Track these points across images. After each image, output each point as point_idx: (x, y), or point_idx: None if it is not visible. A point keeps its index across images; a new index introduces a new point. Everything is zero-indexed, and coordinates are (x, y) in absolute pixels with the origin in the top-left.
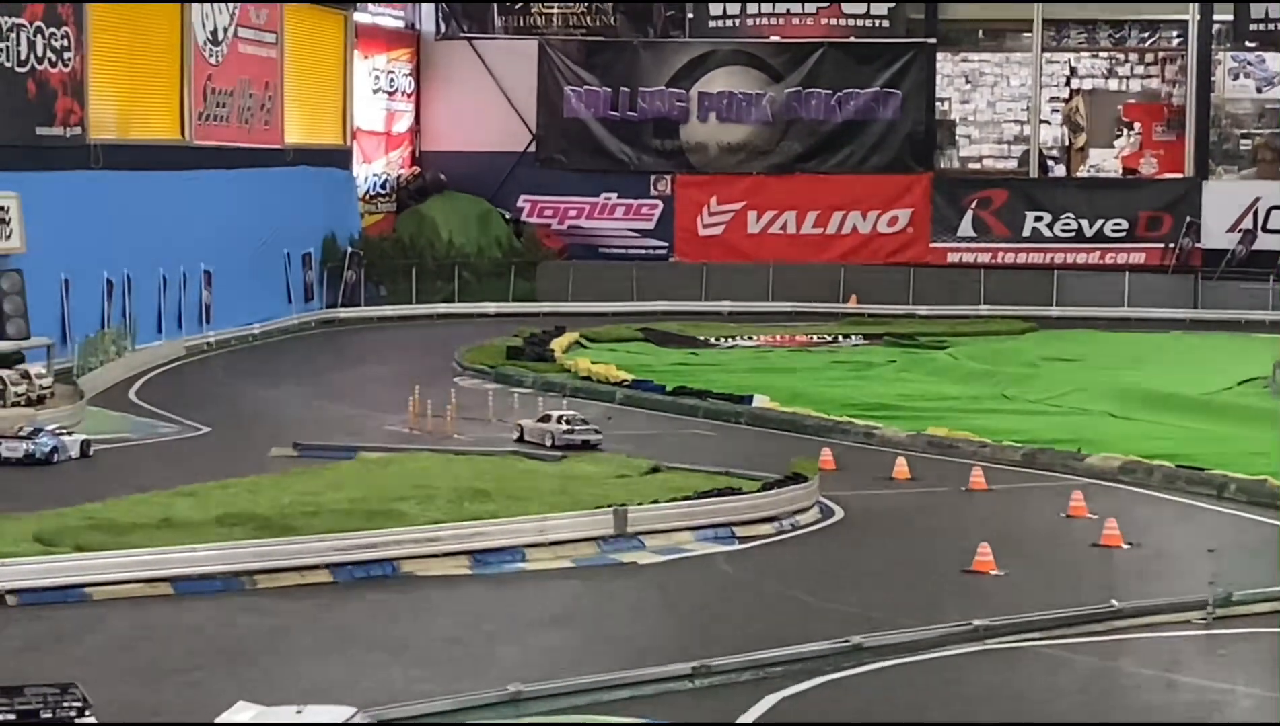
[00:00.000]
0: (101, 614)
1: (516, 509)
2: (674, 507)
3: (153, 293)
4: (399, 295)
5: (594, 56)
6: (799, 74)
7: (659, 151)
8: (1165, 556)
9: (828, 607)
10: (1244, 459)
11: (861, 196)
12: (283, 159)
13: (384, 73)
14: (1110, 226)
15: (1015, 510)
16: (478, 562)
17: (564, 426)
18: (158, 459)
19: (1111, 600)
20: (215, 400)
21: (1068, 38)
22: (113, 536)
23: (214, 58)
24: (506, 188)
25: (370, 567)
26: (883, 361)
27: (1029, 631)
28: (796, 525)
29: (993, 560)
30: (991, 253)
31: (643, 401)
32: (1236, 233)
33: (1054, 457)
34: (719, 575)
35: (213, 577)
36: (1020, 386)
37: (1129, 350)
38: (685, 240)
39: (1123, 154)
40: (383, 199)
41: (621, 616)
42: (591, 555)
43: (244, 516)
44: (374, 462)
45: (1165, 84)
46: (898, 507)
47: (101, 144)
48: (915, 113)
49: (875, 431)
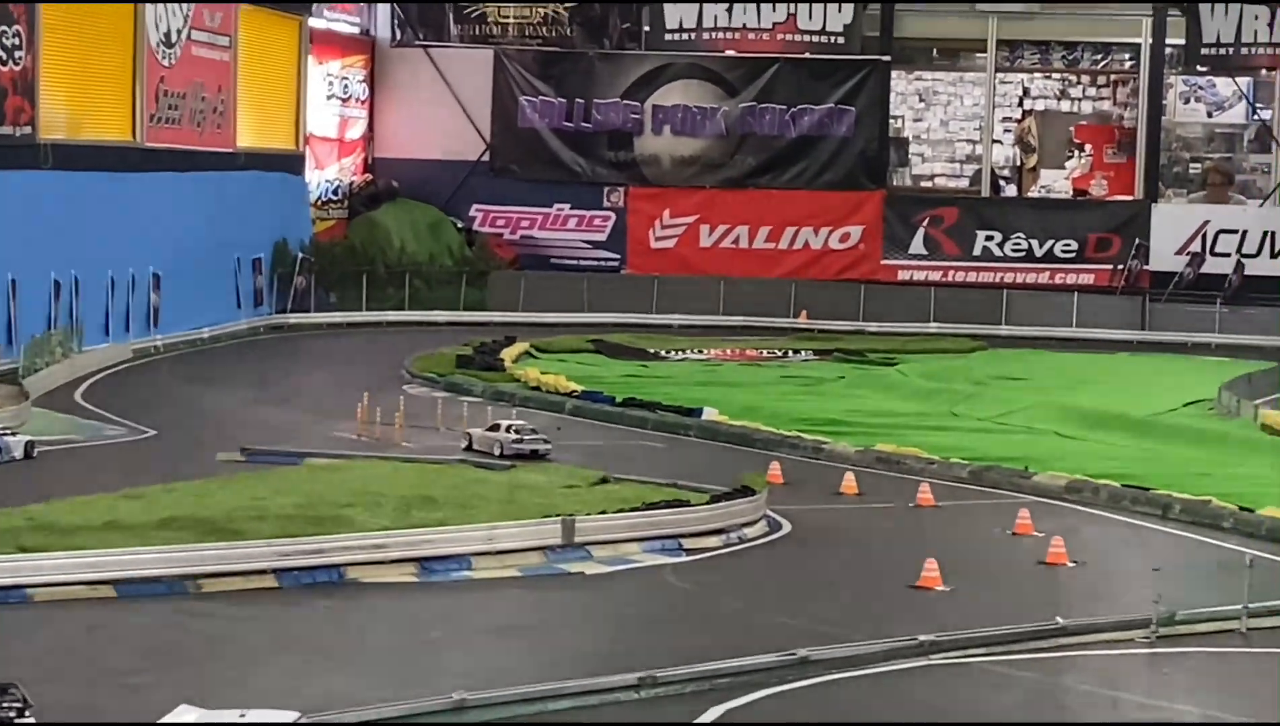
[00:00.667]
0: (44, 615)
1: (464, 517)
2: (622, 518)
3: (101, 295)
4: (349, 302)
5: (549, 67)
6: (754, 89)
7: (613, 163)
8: (1110, 575)
9: (774, 620)
10: (1189, 479)
11: (814, 212)
12: (234, 163)
13: (338, 78)
14: (1060, 247)
15: (962, 527)
16: (424, 570)
17: (513, 436)
18: (103, 461)
19: (1056, 617)
20: (162, 404)
21: (1021, 58)
22: (56, 538)
23: (167, 60)
24: (459, 196)
25: (316, 573)
26: (832, 377)
27: (974, 647)
28: (744, 538)
29: (939, 576)
30: (942, 271)
31: (592, 412)
32: (1185, 255)
33: (1001, 475)
34: (666, 586)
35: (157, 580)
36: (968, 404)
37: (1077, 370)
38: (637, 252)
39: (1073, 175)
40: (335, 205)
41: (568, 626)
42: (539, 565)
43: (189, 520)
44: (322, 469)
45: (1117, 106)
46: (845, 522)
47: (51, 144)
48: (869, 130)
49: (824, 446)
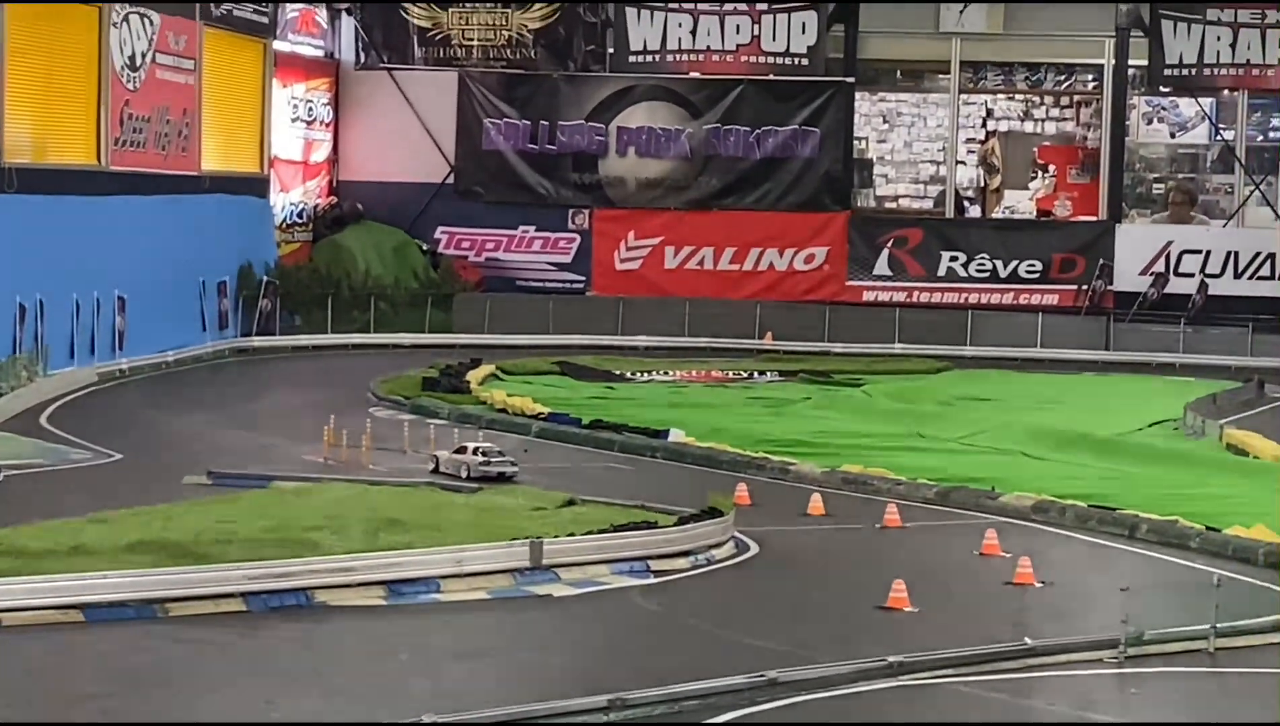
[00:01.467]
0: (11, 641)
1: (432, 540)
2: (589, 540)
3: (66, 318)
4: (314, 325)
5: (514, 89)
6: (718, 110)
7: (577, 185)
8: (1078, 595)
9: (743, 642)
10: (1155, 499)
11: (779, 233)
12: (199, 186)
13: (302, 101)
14: (1024, 267)
15: (929, 547)
16: (393, 593)
17: (480, 458)
18: (69, 485)
19: (1025, 638)
20: (128, 427)
21: (985, 79)
22: (23, 562)
23: (132, 83)
24: (424, 219)
25: (284, 597)
26: (798, 398)
27: (943, 668)
28: (712, 559)
29: (907, 597)
30: (907, 292)
31: (559, 434)
32: (1149, 276)
33: (967, 496)
34: (634, 608)
35: (125, 605)
36: (934, 425)
37: (1042, 390)
38: (602, 274)
39: (1037, 196)
40: (299, 228)
41: (537, 648)
42: (507, 587)
43: (157, 544)
44: (288, 492)
45: (1080, 127)
46: (812, 543)
47: (16, 167)
48: (833, 151)
49: (790, 467)
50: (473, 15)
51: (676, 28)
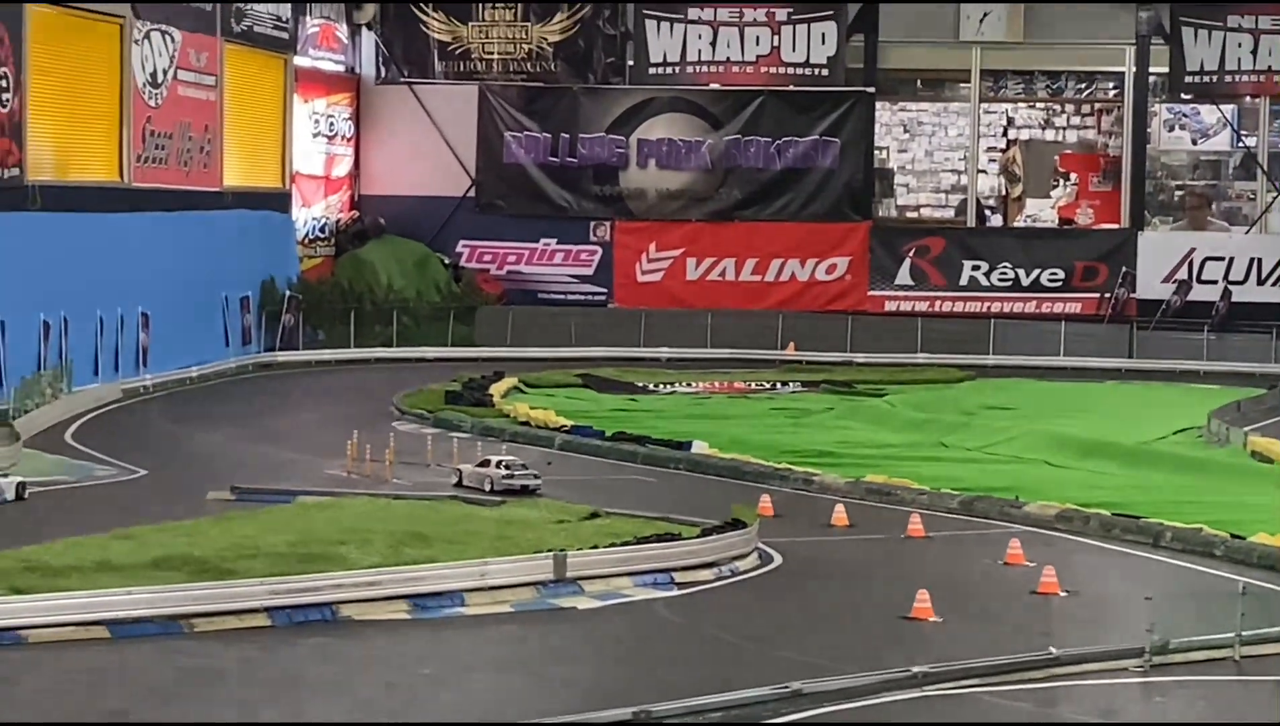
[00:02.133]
0: (37, 657)
1: (455, 553)
2: (613, 553)
3: (90, 335)
4: (337, 339)
5: (534, 102)
6: (738, 121)
7: (598, 197)
8: (1102, 604)
9: (767, 653)
10: (1179, 507)
11: (800, 244)
12: (221, 202)
13: (323, 116)
14: (1047, 276)
15: (953, 557)
16: (417, 607)
17: (503, 471)
18: (94, 502)
19: (1049, 647)
20: (152, 443)
21: (1005, 88)
22: (48, 579)
23: (153, 100)
24: (446, 232)
25: (309, 611)
26: (821, 408)
27: (968, 678)
28: (735, 571)
29: (931, 607)
30: (929, 301)
31: (582, 447)
32: (1172, 283)
33: (991, 505)
34: (658, 620)
35: (149, 621)
36: (958, 434)
37: (1065, 399)
38: (624, 286)
39: (1059, 204)
40: (321, 243)
41: (561, 661)
42: (531, 600)
43: (181, 559)
44: (312, 507)
45: (1101, 135)
46: (836, 554)
47: (39, 185)
48: (854, 161)
49: (814, 478)
50: (492, 29)
51: (696, 39)
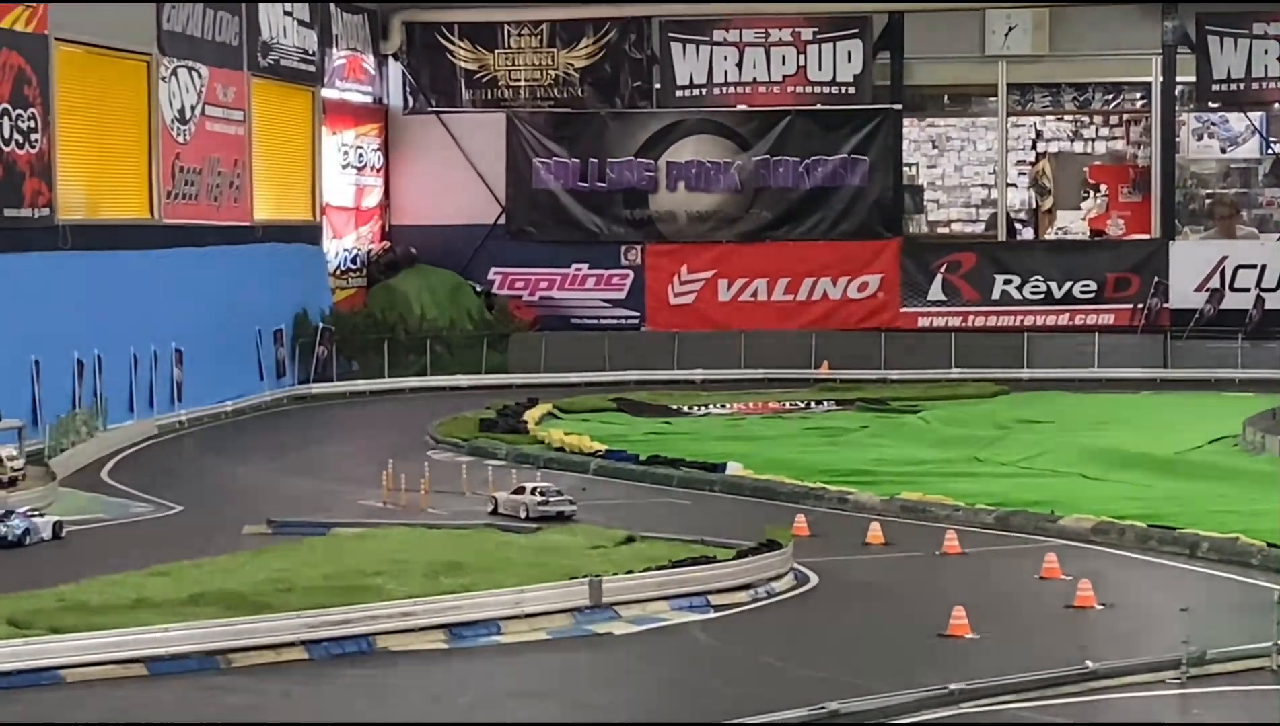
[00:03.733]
0: (76, 696)
1: (491, 581)
2: (649, 577)
3: (124, 372)
4: (371, 369)
5: (562, 128)
6: (766, 141)
7: (629, 221)
8: (1139, 617)
9: (803, 674)
10: (1215, 517)
11: (831, 262)
12: (252, 236)
13: (352, 148)
14: (1079, 288)
15: (989, 573)
16: (453, 636)
17: (538, 498)
18: (131, 539)
19: (1086, 661)
20: (188, 478)
21: (1032, 101)
22: (86, 617)
23: (182, 136)
24: (477, 260)
25: (345, 643)
26: (855, 427)
27: (1004, 694)
28: (771, 592)
29: (967, 623)
30: (961, 316)
31: (617, 471)
32: (1204, 292)
33: (1027, 520)
34: (694, 644)
35: (186, 657)
36: (992, 449)
37: (1100, 411)
38: (656, 309)
39: (1090, 216)
40: (353, 274)
41: (598, 687)
42: (567, 626)
43: (218, 595)
44: (348, 538)
45: (1130, 145)
46: (872, 573)
47: (70, 224)
48: (883, 178)
49: (849, 497)
50: (519, 56)
51: (722, 61)
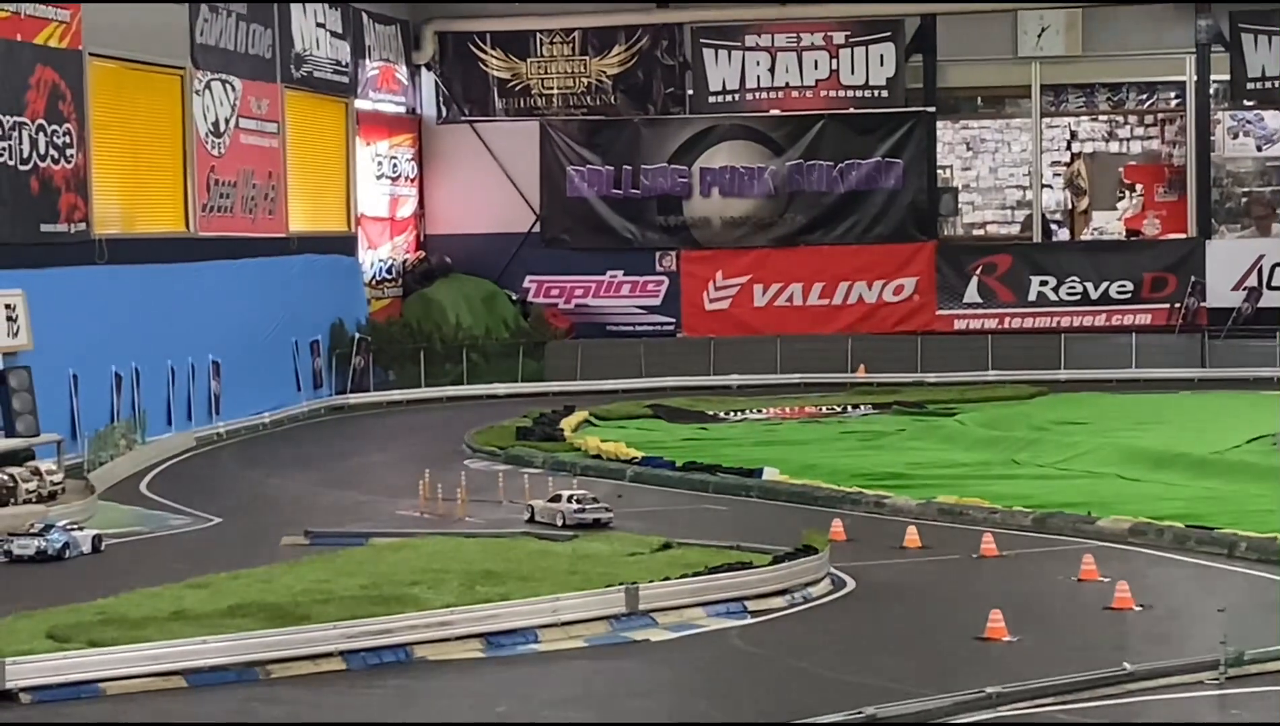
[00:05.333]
0: (116, 709)
1: (528, 590)
2: (685, 584)
3: (161, 385)
4: (407, 379)
5: (595, 135)
6: (800, 146)
7: (663, 228)
8: (1177, 618)
9: (841, 679)
10: (1254, 517)
11: (866, 266)
12: (288, 247)
13: (386, 158)
14: (1115, 288)
15: (1026, 575)
16: (491, 645)
17: (575, 505)
18: (169, 551)
19: (1124, 663)
20: (226, 490)
21: (1066, 102)
22: (125, 630)
23: (216, 149)
24: (512, 269)
25: (383, 654)
26: (892, 430)
27: (1042, 697)
28: (808, 597)
29: (1005, 627)
30: (998, 318)
31: (653, 478)
32: (1241, 290)
33: (1064, 522)
34: (732, 650)
35: (225, 669)
36: (1029, 451)
37: (1137, 411)
38: (692, 315)
39: (1126, 216)
40: (389, 284)
41: (635, 694)
42: (604, 634)
43: (256, 606)
44: (386, 548)
45: (1165, 145)
46: (909, 577)
47: (106, 239)
48: (917, 181)
49: (886, 501)
50: (551, 64)
51: (755, 66)
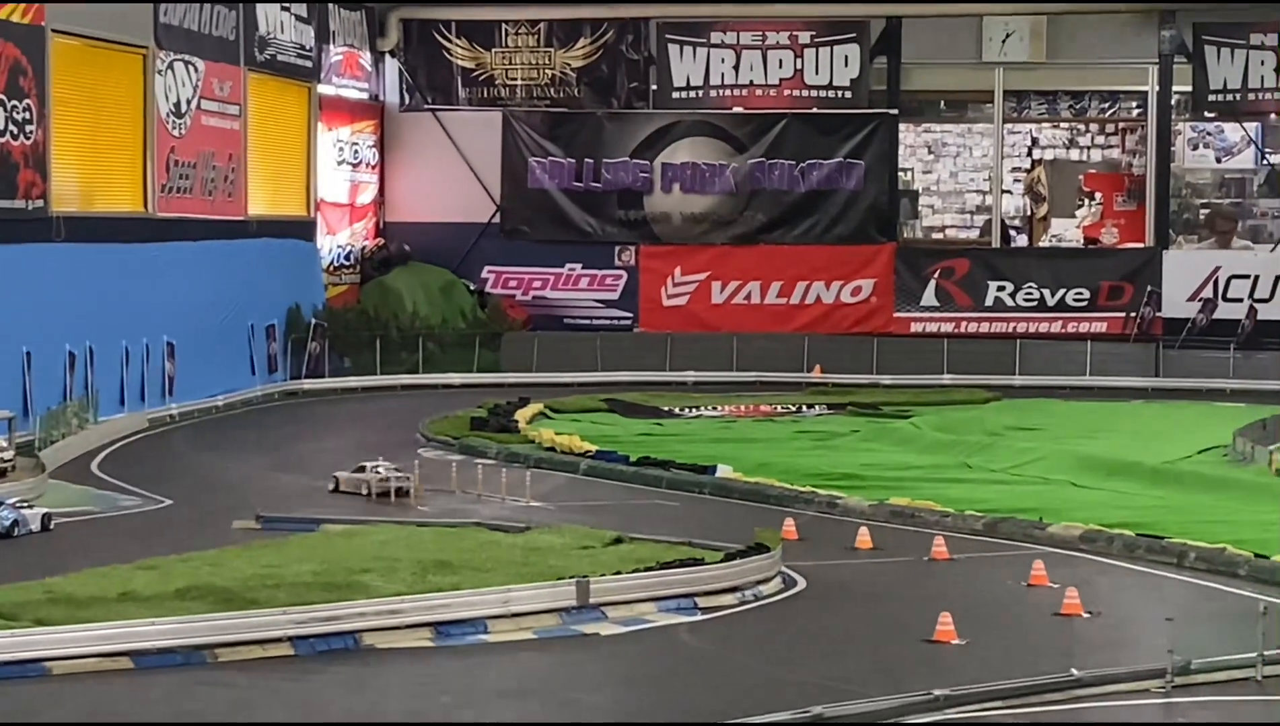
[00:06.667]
0: (62, 688)
1: (479, 580)
2: (637, 579)
3: (115, 365)
4: (363, 366)
5: (558, 128)
6: (762, 144)
7: (623, 222)
8: (1125, 625)
9: (789, 678)
10: (1204, 527)
11: (825, 266)
12: (246, 231)
13: (348, 144)
14: (1072, 296)
15: (977, 579)
16: (440, 634)
17: (379, 475)
18: (119, 532)
19: (1072, 669)
20: (178, 473)
21: (1028, 108)
22: (73, 610)
23: (177, 130)
24: (471, 259)
25: (332, 640)
26: (846, 431)
27: (989, 701)
28: (759, 595)
29: (954, 629)
30: (955, 322)
31: (607, 472)
32: (1197, 302)
33: (1015, 527)
34: (681, 646)
35: (173, 651)
36: (982, 456)
37: (1091, 419)
38: (650, 310)
39: (1084, 223)
40: (347, 270)
41: (583, 688)
42: (554, 626)
43: (205, 589)
44: (337, 535)
45: (1125, 154)
46: (860, 577)
47: (63, 216)
48: (878, 183)
49: (838, 501)
50: (516, 55)
51: (719, 63)
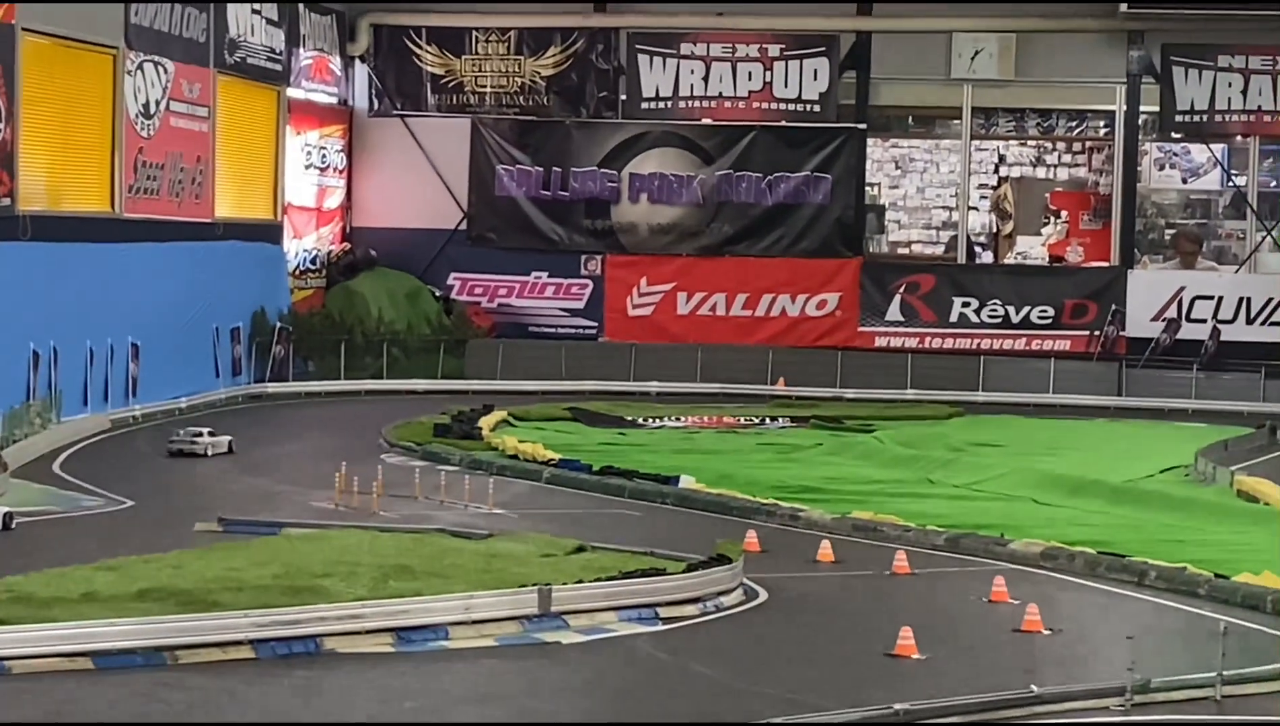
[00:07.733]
0: (20, 688)
1: (441, 587)
2: (598, 588)
3: (79, 365)
4: (327, 371)
5: (526, 136)
6: (730, 157)
7: (590, 231)
8: (1085, 642)
9: (750, 689)
10: (1165, 546)
11: (791, 279)
12: (213, 233)
13: (316, 148)
14: (1036, 313)
15: (938, 594)
16: (401, 640)
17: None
18: (81, 532)
19: (1031, 685)
20: (140, 474)
21: (996, 125)
22: (33, 610)
23: (145, 131)
24: (437, 265)
25: (293, 644)
26: (809, 444)
27: (949, 716)
28: (720, 607)
29: (914, 644)
30: (919, 337)
31: (569, 480)
32: (1161, 321)
33: (977, 543)
34: (642, 656)
35: (133, 652)
36: (945, 471)
37: (1054, 436)
38: (615, 320)
39: (1049, 241)
40: (313, 274)
41: (543, 696)
42: (515, 634)
43: (166, 591)
44: (299, 539)
45: (1092, 173)
46: (821, 590)
47: (30, 215)
48: (845, 197)
49: (800, 514)
50: (485, 62)
51: (689, 75)
